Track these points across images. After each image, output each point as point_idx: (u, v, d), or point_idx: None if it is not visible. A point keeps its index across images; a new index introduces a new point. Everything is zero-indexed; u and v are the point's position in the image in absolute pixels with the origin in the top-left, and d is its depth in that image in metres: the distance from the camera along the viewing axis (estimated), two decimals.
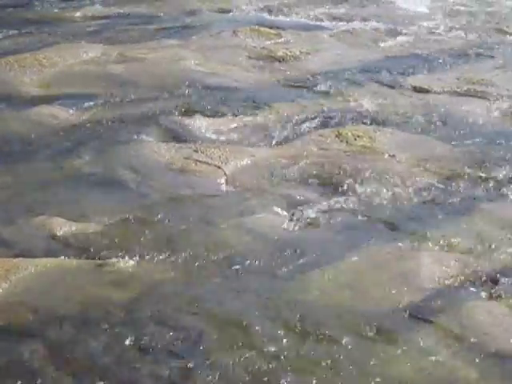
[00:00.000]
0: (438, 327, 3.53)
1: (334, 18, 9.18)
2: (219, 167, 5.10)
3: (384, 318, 3.59)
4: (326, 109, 6.16)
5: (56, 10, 9.48)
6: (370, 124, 5.87)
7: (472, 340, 3.45)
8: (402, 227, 4.42)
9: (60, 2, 9.82)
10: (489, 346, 3.41)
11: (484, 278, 3.92)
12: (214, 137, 5.66)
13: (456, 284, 3.89)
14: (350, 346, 3.41)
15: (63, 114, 6.01)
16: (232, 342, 3.43)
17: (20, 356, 3.37)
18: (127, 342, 3.43)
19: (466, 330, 3.51)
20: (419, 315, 3.62)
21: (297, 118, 5.96)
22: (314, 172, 5.02)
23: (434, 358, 3.35)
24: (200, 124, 5.82)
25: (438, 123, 5.90)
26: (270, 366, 3.29)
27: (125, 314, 3.62)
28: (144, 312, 3.63)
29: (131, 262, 4.03)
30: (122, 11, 9.43)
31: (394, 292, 3.79)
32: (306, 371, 3.28)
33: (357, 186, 4.83)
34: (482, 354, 3.37)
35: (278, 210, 4.60)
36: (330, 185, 4.86)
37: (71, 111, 6.06)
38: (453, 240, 4.24)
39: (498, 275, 3.93)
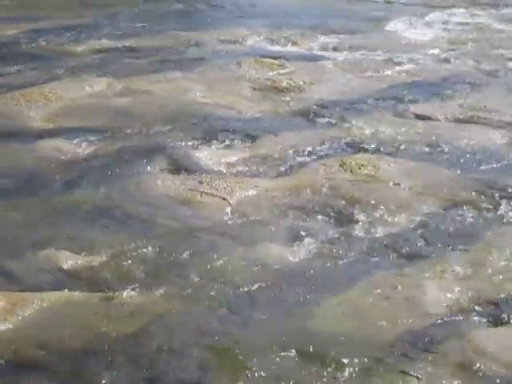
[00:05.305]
0: (443, 354, 3.52)
1: (337, 48, 9.23)
2: (224, 198, 5.11)
3: (389, 346, 3.59)
4: (329, 138, 6.19)
5: (61, 45, 9.53)
6: (374, 152, 5.89)
7: (478, 366, 3.44)
8: (406, 255, 4.42)
9: (64, 36, 9.89)
10: (495, 373, 3.40)
11: (488, 305, 3.92)
12: (219, 168, 5.68)
13: (460, 311, 3.89)
14: (356, 374, 3.41)
15: (68, 148, 6.03)
16: (238, 372, 3.43)
17: None
18: (134, 374, 3.43)
19: (472, 356, 3.50)
20: (424, 342, 3.62)
21: (301, 147, 5.98)
22: (319, 202, 5.03)
23: None
24: (205, 155, 5.84)
25: (441, 151, 5.92)
26: None
27: (131, 345, 3.62)
28: (150, 344, 3.63)
29: (137, 294, 4.03)
30: (126, 44, 9.48)
31: (398, 319, 3.80)
32: None
33: (361, 214, 4.85)
34: (489, 381, 3.36)
35: (284, 240, 4.60)
36: (334, 214, 4.87)
37: (76, 144, 6.08)
38: (457, 267, 4.25)
39: (503, 301, 3.94)
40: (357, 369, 3.44)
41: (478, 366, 3.45)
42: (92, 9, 11.76)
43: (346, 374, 3.42)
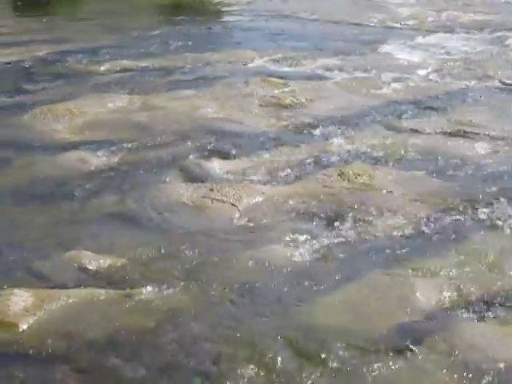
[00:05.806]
0: (432, 347, 3.54)
1: (337, 68, 9.22)
2: (233, 204, 5.13)
3: (383, 340, 3.61)
4: (329, 150, 6.20)
5: (85, 64, 9.56)
6: (370, 163, 5.90)
7: (465, 360, 3.45)
8: (399, 256, 4.43)
9: (88, 57, 9.93)
10: (482, 366, 3.41)
11: (476, 302, 3.94)
12: (228, 177, 5.69)
13: (449, 307, 3.91)
14: (353, 365, 3.44)
15: (91, 159, 6.05)
16: (247, 363, 3.46)
17: (52, 379, 3.40)
18: (152, 365, 3.46)
19: (460, 350, 3.51)
20: (414, 336, 3.63)
21: (303, 158, 5.99)
22: (319, 208, 5.05)
23: (429, 377, 3.38)
24: (216, 166, 5.86)
25: (431, 161, 5.91)
26: None
27: (149, 339, 3.65)
28: (166, 337, 3.65)
29: (154, 292, 4.05)
30: (144, 65, 9.50)
31: (392, 315, 3.82)
32: None
33: (357, 219, 4.86)
34: (476, 374, 3.37)
35: (287, 242, 4.62)
36: (333, 219, 4.88)
37: (99, 156, 6.10)
38: (446, 267, 4.26)
39: (489, 299, 3.96)
40: (354, 359, 3.47)
41: (465, 359, 3.46)
42: (114, 32, 11.79)
43: (343, 364, 3.44)
